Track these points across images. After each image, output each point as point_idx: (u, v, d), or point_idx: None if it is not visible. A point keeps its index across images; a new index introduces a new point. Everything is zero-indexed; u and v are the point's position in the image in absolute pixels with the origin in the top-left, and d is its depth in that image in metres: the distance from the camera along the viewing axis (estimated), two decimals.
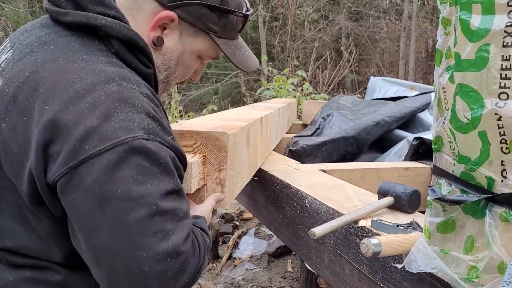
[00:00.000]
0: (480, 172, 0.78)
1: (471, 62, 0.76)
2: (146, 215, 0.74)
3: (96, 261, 0.76)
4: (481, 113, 0.75)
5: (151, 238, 0.74)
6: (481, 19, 0.74)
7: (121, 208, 0.73)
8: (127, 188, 0.73)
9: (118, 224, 0.73)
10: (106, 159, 0.72)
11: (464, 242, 0.84)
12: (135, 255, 0.73)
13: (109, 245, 0.73)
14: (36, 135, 0.75)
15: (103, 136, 0.73)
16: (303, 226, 1.58)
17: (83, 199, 0.73)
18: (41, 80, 0.79)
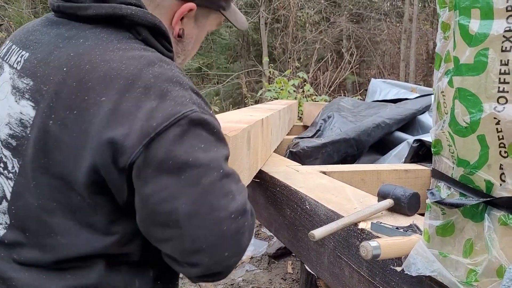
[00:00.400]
0: (479, 175, 0.79)
1: (470, 67, 0.76)
2: (216, 178, 0.80)
3: (178, 233, 0.79)
4: (480, 117, 0.75)
5: (224, 199, 0.81)
6: (479, 24, 0.74)
7: (194, 175, 0.78)
8: (196, 155, 0.78)
9: (194, 190, 0.78)
10: (172, 133, 0.77)
11: (463, 245, 0.84)
12: (214, 216, 0.79)
13: (190, 211, 0.78)
14: (97, 126, 0.76)
15: (165, 113, 0.77)
16: (303, 228, 1.59)
17: (159, 173, 0.77)
18: (85, 73, 0.80)
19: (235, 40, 12.97)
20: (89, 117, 0.77)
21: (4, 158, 0.85)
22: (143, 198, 0.79)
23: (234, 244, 0.83)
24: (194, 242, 0.79)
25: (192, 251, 0.80)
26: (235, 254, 0.84)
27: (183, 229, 0.79)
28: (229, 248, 0.82)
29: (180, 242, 0.80)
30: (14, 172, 0.83)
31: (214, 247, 0.80)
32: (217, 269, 0.83)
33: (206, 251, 0.80)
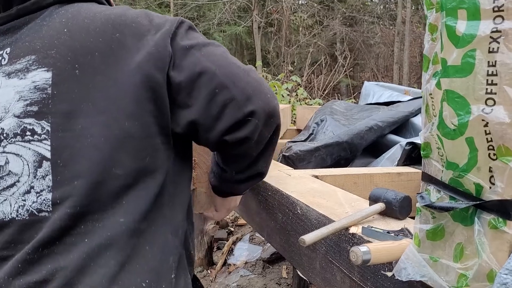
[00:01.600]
0: (468, 178, 0.78)
1: (458, 68, 0.75)
2: (224, 50, 1.01)
3: (227, 92, 0.93)
4: (468, 119, 0.74)
5: (236, 60, 1.00)
6: (466, 24, 0.73)
7: (210, 47, 0.98)
8: (202, 39, 1.00)
9: (216, 56, 0.96)
10: (180, 32, 0.97)
11: (454, 249, 0.83)
12: (242, 69, 0.97)
13: (224, 70, 0.94)
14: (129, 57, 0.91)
15: (170, 24, 0.97)
16: (295, 232, 1.57)
17: (186, 55, 0.95)
18: (88, 24, 0.92)
19: (229, 44, 12.99)
20: (118, 54, 0.90)
21: (28, 126, 0.87)
22: (184, 82, 0.92)
23: (267, 87, 0.98)
24: (243, 92, 0.93)
25: (245, 100, 0.93)
26: (272, 95, 0.99)
27: (229, 87, 0.92)
28: (266, 90, 0.98)
29: (232, 98, 0.92)
30: (47, 131, 0.86)
31: (257, 90, 0.95)
32: (269, 109, 0.97)
33: (255, 94, 0.94)
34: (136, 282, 0.83)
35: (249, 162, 1.05)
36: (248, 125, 0.94)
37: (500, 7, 0.69)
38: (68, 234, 0.83)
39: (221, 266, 3.74)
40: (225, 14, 11.56)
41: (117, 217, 0.85)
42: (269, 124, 0.98)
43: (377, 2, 14.46)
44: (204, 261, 3.75)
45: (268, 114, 0.96)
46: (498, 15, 0.70)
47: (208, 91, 0.91)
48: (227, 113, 0.92)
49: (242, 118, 0.93)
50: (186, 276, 0.96)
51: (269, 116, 0.96)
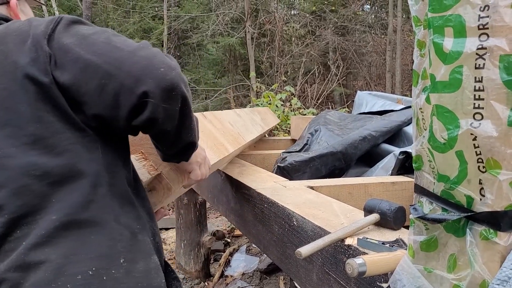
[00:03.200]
0: (459, 190, 0.79)
1: (446, 84, 0.77)
2: (111, 34, 0.99)
3: (115, 80, 0.90)
4: (457, 133, 0.76)
5: (128, 40, 0.98)
6: (453, 42, 0.76)
7: (92, 38, 0.95)
8: (84, 31, 0.98)
9: (98, 46, 0.94)
10: (58, 29, 0.96)
11: (447, 260, 0.84)
12: (127, 51, 0.94)
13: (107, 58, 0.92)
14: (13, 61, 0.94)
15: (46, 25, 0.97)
16: (292, 244, 1.58)
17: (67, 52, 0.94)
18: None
19: (222, 55, 13.05)
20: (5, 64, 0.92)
21: None
22: (68, 81, 0.91)
23: (161, 61, 0.93)
24: (130, 74, 0.90)
25: (135, 82, 0.90)
26: (168, 67, 0.93)
27: (115, 74, 0.90)
28: (158, 64, 0.92)
29: (121, 84, 0.90)
30: None
31: (146, 68, 0.91)
32: (165, 84, 0.91)
33: (144, 73, 0.90)
34: (82, 270, 0.85)
35: (172, 137, 1.02)
36: (148, 107, 0.91)
37: (485, 25, 0.72)
38: (6, 241, 0.87)
39: (219, 278, 3.73)
40: (218, 25, 11.63)
41: (49, 215, 0.87)
42: (171, 98, 0.93)
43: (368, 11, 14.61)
44: (201, 273, 3.74)
45: (164, 89, 0.91)
46: (483, 32, 0.72)
47: (96, 84, 0.91)
48: (121, 100, 0.91)
49: (137, 102, 0.90)
50: (148, 261, 0.97)
51: (167, 91, 0.92)
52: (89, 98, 0.92)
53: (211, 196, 2.84)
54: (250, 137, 2.81)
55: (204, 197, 3.16)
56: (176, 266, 3.87)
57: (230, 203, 2.38)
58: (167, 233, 4.66)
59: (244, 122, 2.84)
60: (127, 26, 12.77)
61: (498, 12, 0.70)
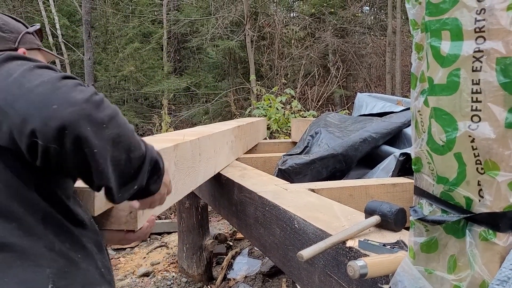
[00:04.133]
0: (458, 192, 0.80)
1: (443, 87, 0.78)
2: (28, 68, 0.92)
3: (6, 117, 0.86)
4: (456, 136, 0.77)
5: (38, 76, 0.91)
6: (450, 45, 0.77)
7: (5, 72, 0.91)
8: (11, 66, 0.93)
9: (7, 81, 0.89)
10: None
11: (447, 261, 0.85)
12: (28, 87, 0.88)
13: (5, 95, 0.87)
14: None
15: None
16: (293, 247, 1.59)
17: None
18: None
19: (222, 58, 13.07)
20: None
21: None
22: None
23: (59, 97, 0.85)
24: (17, 113, 0.84)
25: (22, 121, 0.83)
26: (66, 104, 0.84)
27: (8, 112, 0.85)
28: (54, 101, 0.84)
29: (12, 124, 0.85)
30: None
31: (39, 105, 0.84)
32: (56, 123, 0.83)
33: (35, 111, 0.83)
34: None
35: (83, 178, 0.94)
36: (37, 147, 0.84)
37: (482, 28, 0.73)
38: None
39: (221, 281, 3.73)
40: (218, 29, 11.65)
41: None
42: (61, 138, 0.83)
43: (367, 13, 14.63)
44: (203, 277, 3.74)
45: (53, 128, 0.82)
46: (479, 35, 0.73)
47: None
48: (16, 139, 0.86)
49: (28, 142, 0.84)
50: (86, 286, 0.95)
51: (55, 131, 0.83)
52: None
53: (213, 200, 2.85)
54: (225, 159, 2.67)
55: (206, 200, 3.17)
56: (179, 269, 3.88)
57: (231, 207, 2.39)
58: (169, 237, 4.67)
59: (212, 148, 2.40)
60: (127, 30, 12.80)
61: (494, 15, 0.71)
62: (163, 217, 4.98)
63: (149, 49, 12.85)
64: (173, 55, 14.20)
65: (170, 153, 1.53)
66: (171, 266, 4.01)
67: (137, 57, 12.33)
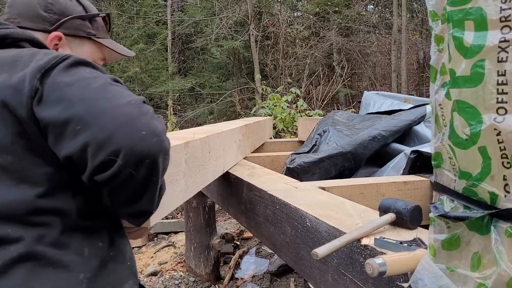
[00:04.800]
0: (482, 187, 0.78)
1: (467, 78, 0.76)
2: (106, 82, 0.93)
3: (88, 131, 0.84)
4: (480, 129, 0.74)
5: (120, 94, 0.91)
6: (474, 35, 0.74)
7: (83, 83, 0.90)
8: (82, 74, 0.93)
9: (86, 92, 0.89)
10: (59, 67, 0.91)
11: (471, 259, 0.82)
12: (113, 104, 0.88)
13: (89, 108, 0.87)
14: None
15: (50, 57, 0.93)
16: (305, 245, 1.57)
17: (53, 92, 0.90)
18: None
19: (227, 58, 13.06)
20: None
21: None
22: (47, 119, 0.86)
23: (145, 123, 0.85)
24: (105, 129, 0.83)
25: (106, 138, 0.82)
26: (152, 133, 0.85)
27: (90, 124, 0.84)
28: (142, 126, 0.85)
29: (93, 137, 0.83)
30: None
31: (125, 126, 0.83)
32: (139, 149, 0.83)
33: (120, 131, 0.83)
34: None
35: (127, 200, 0.93)
36: (113, 166, 0.83)
37: (507, 17, 0.70)
38: None
39: (229, 280, 3.71)
40: (222, 29, 11.63)
41: (7, 245, 0.84)
42: (141, 166, 0.84)
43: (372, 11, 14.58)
44: (211, 276, 3.72)
45: (137, 154, 0.83)
46: (505, 25, 0.71)
47: (71, 129, 0.85)
48: (88, 153, 0.84)
49: (103, 160, 0.83)
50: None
51: (139, 157, 0.83)
52: (62, 140, 0.87)
53: (221, 199, 2.83)
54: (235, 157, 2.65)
55: (214, 199, 3.16)
56: (187, 269, 3.87)
57: (240, 205, 2.37)
58: (176, 236, 4.66)
59: (222, 146, 2.41)
60: (132, 31, 12.81)
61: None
62: (170, 216, 4.97)
63: (154, 50, 12.86)
64: (178, 55, 14.21)
65: (181, 151, 1.51)
66: (179, 265, 4.00)
67: (142, 58, 12.34)
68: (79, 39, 1.20)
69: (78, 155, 0.86)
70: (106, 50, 1.27)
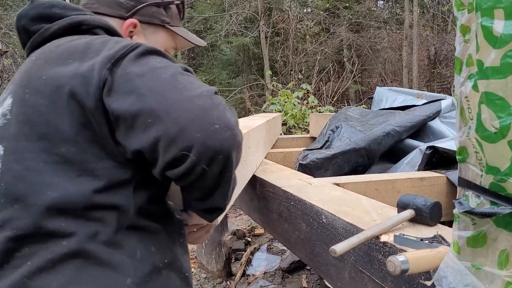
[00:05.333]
0: (511, 182, 0.75)
1: (496, 69, 0.73)
2: (177, 71, 0.90)
3: (160, 125, 0.81)
4: (510, 122, 0.72)
5: (191, 84, 0.88)
6: (504, 24, 0.71)
7: (154, 74, 0.87)
8: (152, 64, 0.89)
9: (158, 83, 0.86)
10: (129, 57, 0.88)
11: (498, 256, 0.80)
12: (185, 95, 0.84)
13: (161, 101, 0.83)
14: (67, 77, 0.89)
15: (120, 46, 0.90)
16: (321, 242, 1.55)
17: (124, 83, 0.87)
18: (51, 52, 0.94)
19: (236, 55, 13.04)
20: (58, 75, 0.87)
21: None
22: (117, 111, 0.83)
23: (218, 116, 0.82)
24: (177, 122, 0.80)
25: (179, 132, 0.80)
26: (225, 126, 0.82)
27: (162, 117, 0.80)
28: (215, 119, 0.81)
29: (165, 131, 0.80)
30: (1, 155, 0.88)
31: (198, 120, 0.80)
32: (213, 144, 0.80)
33: (194, 125, 0.80)
34: None
35: (201, 196, 0.91)
36: (185, 162, 0.81)
37: None
38: (13, 257, 0.81)
39: (240, 277, 3.70)
40: (232, 25, 11.61)
41: (59, 239, 0.81)
42: (215, 161, 0.82)
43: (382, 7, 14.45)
44: (223, 273, 3.72)
45: (211, 149, 0.80)
46: None
47: (142, 122, 0.82)
48: (160, 147, 0.81)
49: (176, 155, 0.80)
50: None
51: (213, 152, 0.80)
52: (132, 133, 0.83)
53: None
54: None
55: None
56: (198, 265, 3.87)
57: (253, 202, 2.35)
58: None
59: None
60: None
61: None
62: None
63: None
64: (187, 52, 14.22)
65: None
66: (190, 261, 4.00)
67: None
68: (153, 27, 1.17)
69: (149, 149, 0.83)
70: (178, 39, 1.23)
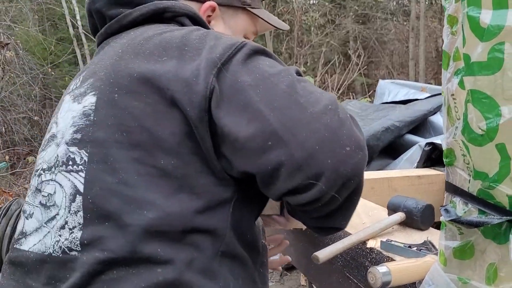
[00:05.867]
0: (500, 190, 0.68)
1: (483, 65, 0.65)
2: (293, 80, 0.78)
3: (283, 148, 0.70)
4: (498, 123, 0.64)
5: (312, 95, 0.77)
6: (492, 14, 0.64)
7: (269, 83, 0.77)
8: (264, 69, 0.79)
9: (276, 96, 0.75)
10: (236, 59, 0.78)
11: (486, 270, 0.73)
12: (310, 112, 0.73)
13: (282, 117, 0.73)
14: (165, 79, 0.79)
15: (224, 45, 0.80)
16: (309, 245, 1.48)
17: (236, 95, 0.77)
18: (141, 45, 0.84)
19: None
20: (154, 74, 0.77)
21: (71, 155, 0.79)
22: (229, 127, 0.73)
23: (348, 135, 0.71)
24: (304, 146, 0.69)
25: (306, 158, 0.69)
26: (356, 147, 0.70)
27: (285, 139, 0.69)
28: (345, 140, 0.70)
29: (290, 156, 0.69)
30: (84, 162, 0.77)
31: (328, 142, 0.69)
32: (344, 170, 0.69)
33: (322, 149, 0.69)
34: None
35: (319, 216, 0.80)
36: (312, 190, 0.71)
37: None
38: (100, 280, 0.72)
39: None
40: None
41: (154, 266, 0.72)
42: (345, 187, 0.71)
43: None
44: None
45: (342, 177, 0.69)
46: None
47: (259, 144, 0.71)
48: (282, 173, 0.71)
49: (302, 182, 0.70)
50: None
51: (344, 179, 0.70)
52: (245, 154, 0.73)
53: None
54: None
55: None
56: None
57: None
58: None
59: None
60: None
61: None
62: None
63: None
64: None
65: None
66: None
67: None
68: (233, 10, 1.07)
69: (267, 174, 0.73)
70: (259, 22, 1.13)
